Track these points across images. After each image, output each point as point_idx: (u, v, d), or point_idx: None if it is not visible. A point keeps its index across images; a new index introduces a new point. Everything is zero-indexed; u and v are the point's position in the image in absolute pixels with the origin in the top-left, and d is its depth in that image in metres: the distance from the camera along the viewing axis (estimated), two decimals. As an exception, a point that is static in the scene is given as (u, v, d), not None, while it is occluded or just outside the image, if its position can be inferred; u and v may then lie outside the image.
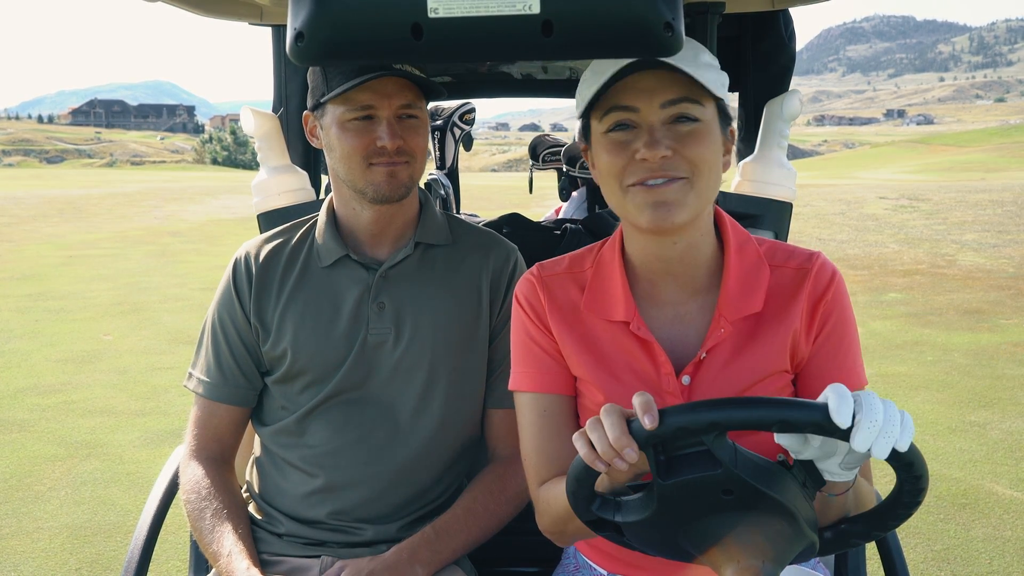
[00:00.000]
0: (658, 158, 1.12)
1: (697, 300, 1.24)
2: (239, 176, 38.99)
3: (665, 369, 1.21)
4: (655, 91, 1.13)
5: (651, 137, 1.13)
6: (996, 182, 22.39)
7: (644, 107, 1.13)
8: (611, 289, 1.25)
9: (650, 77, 1.12)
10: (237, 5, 1.68)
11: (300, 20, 0.96)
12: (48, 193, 22.60)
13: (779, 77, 1.92)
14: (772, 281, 1.23)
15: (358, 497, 1.50)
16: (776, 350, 1.21)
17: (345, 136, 1.44)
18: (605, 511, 1.07)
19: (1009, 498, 3.72)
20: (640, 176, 1.14)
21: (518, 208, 2.70)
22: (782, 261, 1.25)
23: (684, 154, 1.13)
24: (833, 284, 1.23)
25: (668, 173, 1.13)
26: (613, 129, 1.16)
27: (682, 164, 1.13)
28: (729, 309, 1.20)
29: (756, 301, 1.21)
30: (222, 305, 1.57)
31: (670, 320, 1.24)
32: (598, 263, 1.30)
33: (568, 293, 1.29)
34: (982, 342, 6.39)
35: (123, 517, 3.61)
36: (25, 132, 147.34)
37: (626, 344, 1.24)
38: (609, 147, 1.16)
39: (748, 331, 1.21)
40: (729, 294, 1.21)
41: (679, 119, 1.14)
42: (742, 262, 1.23)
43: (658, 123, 1.14)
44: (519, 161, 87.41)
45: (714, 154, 1.16)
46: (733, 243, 1.24)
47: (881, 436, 0.89)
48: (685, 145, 1.13)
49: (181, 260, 11.23)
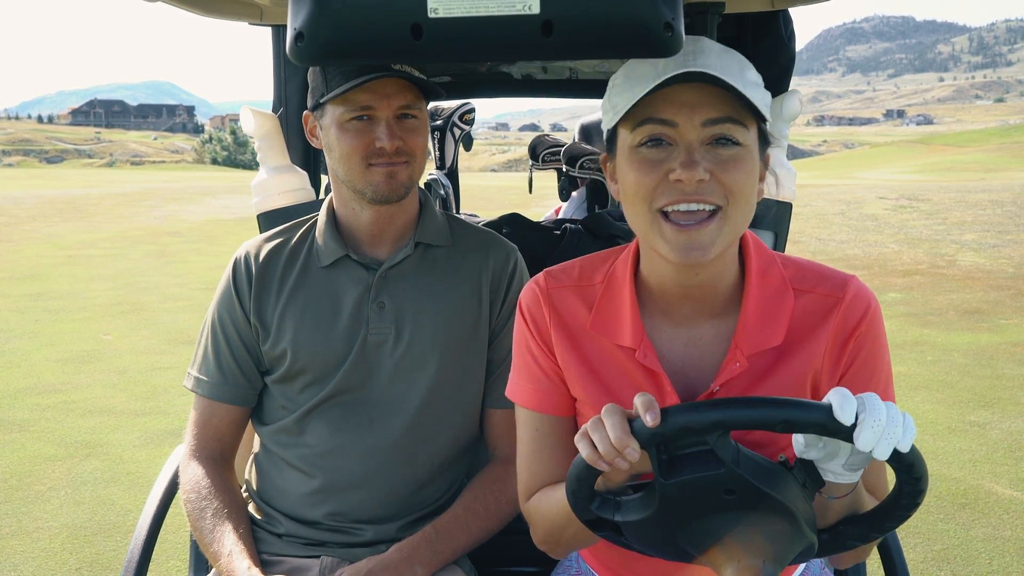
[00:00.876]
0: (694, 181, 1.02)
1: (713, 324, 1.17)
2: (239, 176, 38.99)
3: (671, 400, 1.15)
4: (697, 106, 1.03)
5: (689, 157, 1.03)
6: (996, 182, 22.39)
7: (684, 123, 1.04)
8: (620, 312, 1.19)
9: (693, 91, 1.03)
10: (237, 5, 1.68)
11: (300, 20, 0.96)
12: (48, 193, 22.59)
13: (779, 77, 1.92)
14: (796, 309, 1.15)
15: (357, 497, 1.50)
16: (794, 385, 1.15)
17: (344, 136, 1.44)
18: (605, 511, 1.07)
19: (1009, 498, 3.72)
20: (672, 199, 1.04)
21: (518, 208, 2.70)
22: (810, 287, 1.16)
23: (722, 180, 1.04)
24: (867, 317, 1.14)
25: (702, 198, 1.04)
26: (645, 143, 1.06)
27: (718, 191, 1.04)
28: (747, 343, 1.13)
29: (776, 333, 1.13)
30: (222, 305, 1.57)
31: (683, 344, 1.18)
32: (609, 280, 1.22)
33: (574, 311, 1.22)
34: (982, 342, 6.40)
35: (123, 517, 3.61)
36: (25, 132, 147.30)
37: (631, 370, 1.18)
38: (640, 164, 1.06)
39: (765, 365, 1.15)
40: (747, 325, 1.13)
41: (720, 140, 1.05)
42: (764, 289, 1.15)
43: (697, 142, 1.04)
44: (519, 161, 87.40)
45: (752, 183, 1.07)
46: (756, 268, 1.16)
47: (884, 436, 0.89)
48: (725, 170, 1.04)
49: (181, 260, 11.23)
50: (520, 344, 1.29)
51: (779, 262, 1.19)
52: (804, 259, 1.23)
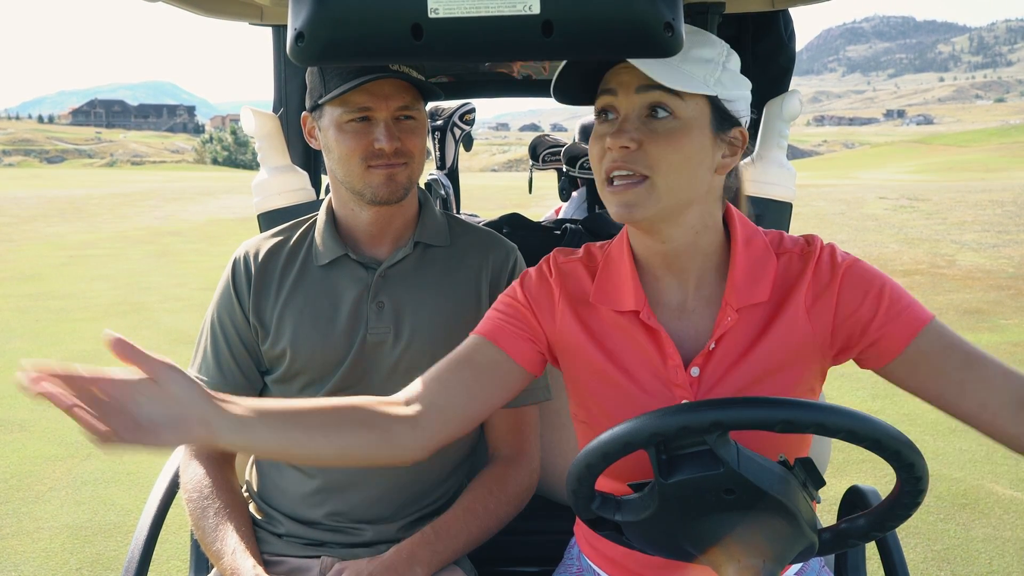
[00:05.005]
0: (618, 147, 1.09)
1: (703, 294, 1.22)
2: (239, 176, 38.99)
3: (673, 361, 1.18)
4: (636, 77, 1.09)
5: (620, 127, 1.10)
6: (996, 182, 22.39)
7: (622, 92, 1.11)
8: (620, 279, 1.23)
9: (637, 66, 1.09)
10: (237, 5, 1.68)
11: (300, 20, 0.96)
12: (48, 193, 22.60)
13: (779, 77, 1.92)
14: (779, 268, 1.20)
15: (357, 498, 1.50)
16: (787, 340, 1.18)
17: (343, 138, 1.44)
18: (605, 510, 1.07)
19: (1009, 498, 3.72)
20: (607, 167, 1.11)
21: (518, 208, 2.70)
22: (788, 248, 1.22)
23: (648, 150, 1.09)
24: (845, 259, 1.18)
25: (628, 166, 1.09)
26: (600, 114, 1.15)
27: (643, 160, 1.09)
28: (734, 297, 1.17)
29: (762, 290, 1.18)
30: (221, 305, 1.57)
31: (676, 314, 1.22)
32: (607, 255, 1.28)
33: (580, 280, 1.27)
34: (982, 342, 6.39)
35: (123, 517, 3.61)
36: (25, 132, 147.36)
37: (634, 335, 1.21)
38: (593, 137, 1.15)
39: (757, 322, 1.18)
40: (735, 283, 1.18)
41: (655, 110, 1.10)
42: (748, 254, 1.20)
43: (633, 113, 1.11)
44: (519, 161, 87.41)
45: (683, 156, 1.10)
46: (741, 237, 1.21)
47: None
48: (654, 141, 1.09)
49: (181, 260, 11.23)
50: (509, 296, 1.28)
51: (761, 232, 1.24)
52: (780, 231, 1.28)
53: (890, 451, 0.94)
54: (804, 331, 1.18)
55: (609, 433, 1.00)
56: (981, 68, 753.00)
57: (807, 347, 1.18)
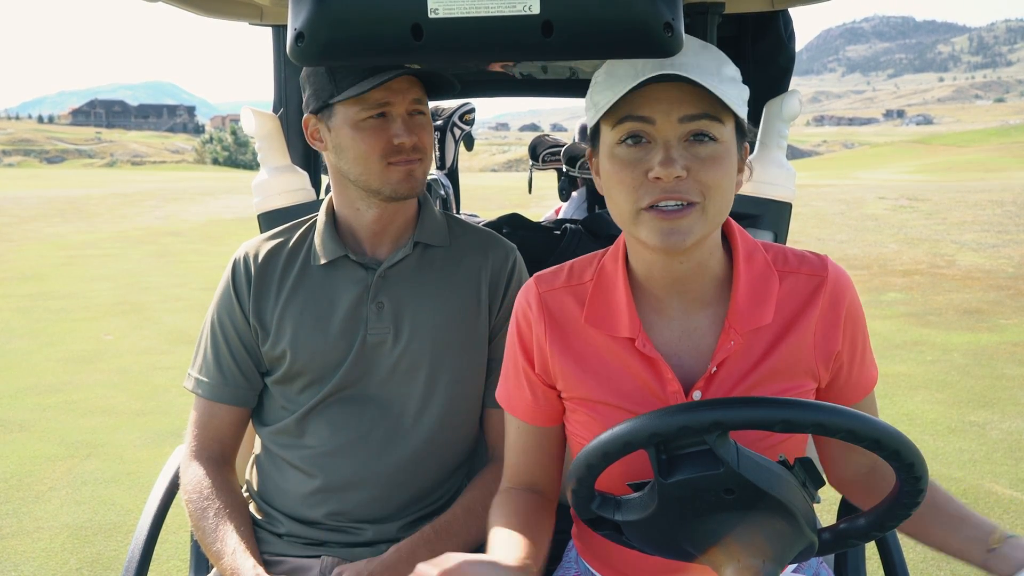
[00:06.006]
0: (672, 178, 1.05)
1: (706, 313, 1.19)
2: (239, 176, 38.99)
3: (672, 387, 1.16)
4: (675, 104, 1.05)
5: (666, 155, 1.05)
6: (996, 182, 22.39)
7: (661, 120, 1.06)
8: (615, 303, 1.20)
9: (671, 88, 1.05)
10: (237, 5, 1.68)
11: (300, 20, 0.96)
12: (48, 193, 22.60)
13: (779, 77, 1.92)
14: (782, 290, 1.18)
15: (357, 498, 1.50)
16: (790, 363, 1.17)
17: (360, 136, 1.43)
18: (605, 510, 1.07)
19: (1009, 498, 3.72)
20: (654, 197, 1.06)
21: (518, 208, 2.70)
22: (793, 268, 1.20)
23: (699, 177, 1.06)
24: (850, 292, 1.20)
25: (680, 196, 1.06)
26: (625, 140, 1.09)
27: (695, 188, 1.06)
28: (738, 321, 1.15)
29: (766, 312, 1.16)
30: (221, 305, 1.57)
31: (678, 335, 1.20)
32: (599, 274, 1.24)
33: (568, 311, 1.24)
34: (982, 342, 6.39)
35: (123, 517, 3.61)
36: (25, 132, 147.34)
37: (630, 361, 1.19)
38: (620, 163, 1.09)
39: (760, 344, 1.17)
40: (738, 306, 1.16)
41: (697, 137, 1.07)
42: (751, 273, 1.18)
43: (675, 139, 1.06)
44: (519, 161, 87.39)
45: (729, 178, 1.09)
46: (742, 253, 1.19)
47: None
48: (702, 167, 1.06)
49: (181, 260, 11.24)
50: (511, 347, 1.30)
51: (760, 247, 1.23)
52: (778, 244, 1.27)
53: (890, 451, 0.94)
54: (808, 359, 1.18)
55: (609, 433, 1.00)
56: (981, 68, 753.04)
57: (809, 373, 1.19)
